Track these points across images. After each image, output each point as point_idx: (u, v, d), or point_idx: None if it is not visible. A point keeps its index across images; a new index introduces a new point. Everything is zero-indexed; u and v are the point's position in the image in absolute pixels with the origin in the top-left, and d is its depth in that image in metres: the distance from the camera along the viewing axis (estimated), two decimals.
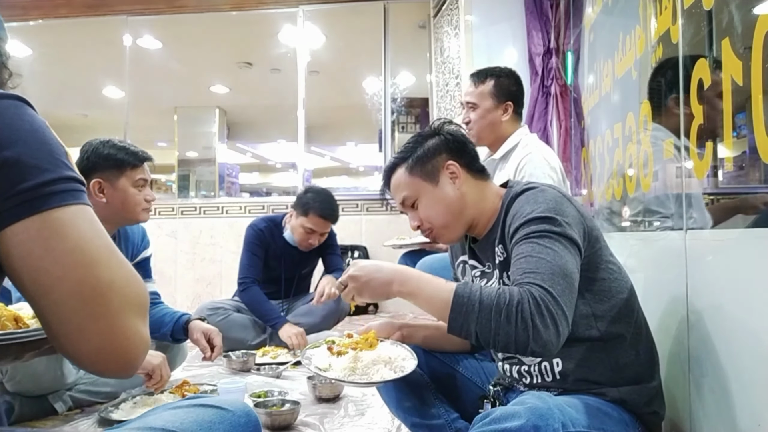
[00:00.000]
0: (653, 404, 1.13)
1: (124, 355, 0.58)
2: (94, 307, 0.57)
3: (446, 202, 1.25)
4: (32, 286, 0.56)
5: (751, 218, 1.07)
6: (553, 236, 1.05)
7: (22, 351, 0.73)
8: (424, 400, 1.33)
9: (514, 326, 0.95)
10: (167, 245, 4.55)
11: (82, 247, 0.57)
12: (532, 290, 0.97)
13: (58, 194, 0.57)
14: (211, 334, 2.01)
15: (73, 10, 4.84)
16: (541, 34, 3.25)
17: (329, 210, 2.76)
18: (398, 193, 1.31)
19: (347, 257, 4.48)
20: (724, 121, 1.07)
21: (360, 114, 5.34)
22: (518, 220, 1.11)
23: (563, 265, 1.02)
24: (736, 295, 1.03)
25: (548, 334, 0.95)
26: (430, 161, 1.26)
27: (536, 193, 1.14)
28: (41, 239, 0.56)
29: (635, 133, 1.76)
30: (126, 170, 1.86)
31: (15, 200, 0.55)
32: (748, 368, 0.99)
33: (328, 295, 2.70)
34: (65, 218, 0.57)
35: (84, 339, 0.57)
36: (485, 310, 0.98)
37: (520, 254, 1.06)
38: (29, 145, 0.58)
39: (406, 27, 4.90)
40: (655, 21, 1.53)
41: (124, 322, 0.58)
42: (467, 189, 1.26)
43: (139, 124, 5.29)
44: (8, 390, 1.71)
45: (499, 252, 1.20)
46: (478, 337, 1.00)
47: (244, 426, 0.78)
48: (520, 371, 1.22)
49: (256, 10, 4.85)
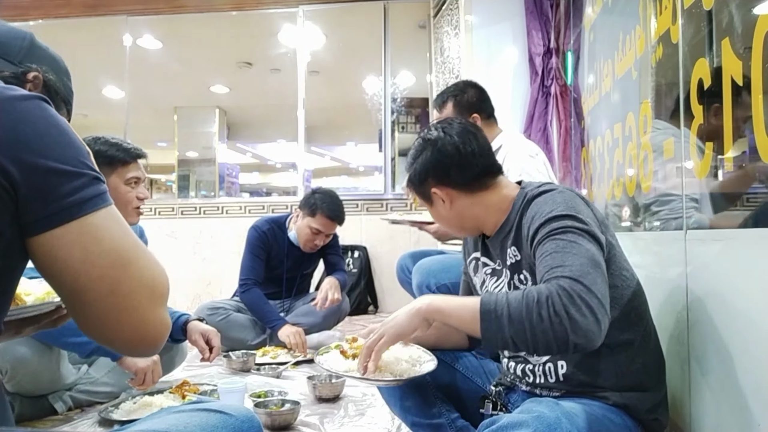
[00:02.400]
0: (656, 412, 1.12)
1: (153, 339, 0.66)
2: (128, 302, 0.63)
3: (444, 220, 1.29)
4: (72, 285, 0.61)
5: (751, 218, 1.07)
6: (577, 231, 1.03)
7: (21, 326, 0.78)
8: (425, 399, 1.33)
9: (549, 322, 0.92)
10: (167, 245, 4.54)
11: (116, 248, 0.63)
12: (560, 282, 0.94)
13: (91, 199, 0.62)
14: (210, 335, 2.00)
15: (73, 10, 4.84)
16: (541, 34, 3.25)
17: (337, 211, 2.78)
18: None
19: (347, 257, 4.48)
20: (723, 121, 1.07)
21: (360, 114, 5.34)
22: (538, 220, 1.09)
23: (591, 256, 0.99)
24: (736, 295, 1.03)
25: (587, 323, 0.91)
26: (421, 186, 1.27)
27: (554, 194, 1.13)
28: (80, 244, 0.61)
29: (635, 133, 1.76)
30: (117, 167, 1.81)
31: (53, 207, 0.60)
32: (748, 368, 0.99)
33: (332, 300, 2.69)
34: (99, 223, 0.63)
35: (119, 329, 0.63)
36: (515, 313, 0.95)
37: (544, 253, 1.03)
38: (58, 149, 0.61)
39: (406, 27, 4.90)
40: (655, 21, 1.53)
41: (153, 312, 0.65)
42: (461, 207, 1.24)
43: (139, 124, 5.28)
44: (8, 390, 1.71)
45: (512, 254, 1.19)
46: (516, 344, 0.96)
47: (247, 431, 0.78)
48: (524, 370, 1.22)
49: (256, 10, 4.85)
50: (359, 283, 4.42)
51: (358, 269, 4.45)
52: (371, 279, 4.53)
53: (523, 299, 0.95)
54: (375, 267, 4.55)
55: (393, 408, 1.41)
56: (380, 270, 4.52)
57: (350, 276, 4.42)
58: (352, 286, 4.35)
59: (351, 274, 4.43)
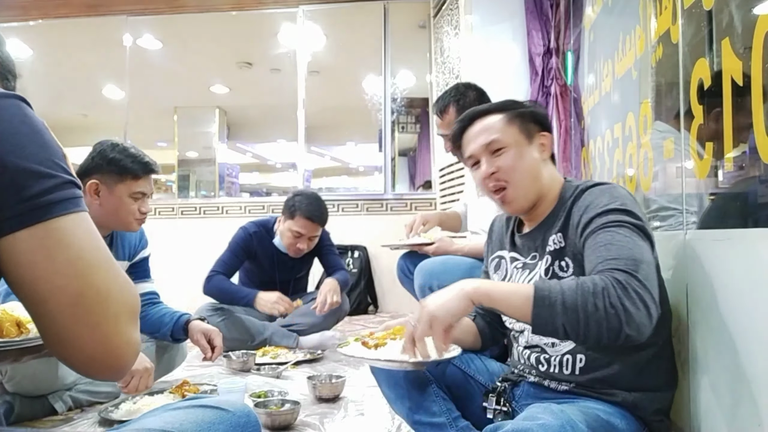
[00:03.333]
0: (663, 412, 1.13)
1: (117, 360, 0.60)
2: (92, 316, 0.58)
3: (532, 164, 1.24)
4: (32, 293, 0.57)
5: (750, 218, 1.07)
6: (632, 227, 1.05)
7: (20, 355, 0.75)
8: (427, 397, 1.33)
9: (604, 312, 0.92)
10: (167, 245, 4.54)
11: (83, 257, 0.58)
12: (615, 275, 0.95)
13: (60, 202, 0.58)
14: (212, 334, 2.00)
15: (73, 10, 4.84)
16: (541, 34, 3.25)
17: (316, 212, 2.71)
18: (486, 135, 1.25)
19: (347, 257, 4.49)
20: (723, 121, 1.07)
21: (360, 114, 5.33)
22: (593, 210, 1.10)
23: (644, 253, 1.00)
24: (737, 295, 1.03)
25: (640, 316, 0.92)
26: (529, 122, 1.26)
27: (611, 188, 1.14)
28: (44, 248, 0.56)
29: (635, 133, 1.76)
30: (126, 179, 1.81)
31: (19, 208, 0.55)
32: (748, 368, 0.99)
33: (331, 304, 2.68)
34: (67, 227, 0.58)
35: (80, 345, 0.58)
36: (570, 301, 0.95)
37: (598, 243, 1.04)
38: (31, 148, 0.58)
39: (406, 27, 4.90)
40: (655, 21, 1.53)
41: (119, 329, 0.60)
42: (547, 166, 1.27)
43: (139, 124, 5.28)
44: (8, 390, 1.71)
45: (557, 240, 1.19)
46: (567, 332, 0.97)
47: (244, 426, 0.78)
48: (539, 359, 1.22)
49: (256, 10, 4.85)
50: (359, 283, 4.42)
51: (358, 269, 4.45)
52: (371, 279, 4.54)
53: (578, 288, 0.95)
54: (375, 267, 4.55)
55: (394, 406, 1.41)
56: (380, 270, 4.52)
57: (350, 276, 4.42)
58: (352, 286, 4.34)
59: (351, 274, 4.42)
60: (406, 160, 6.19)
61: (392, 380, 1.35)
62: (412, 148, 6.07)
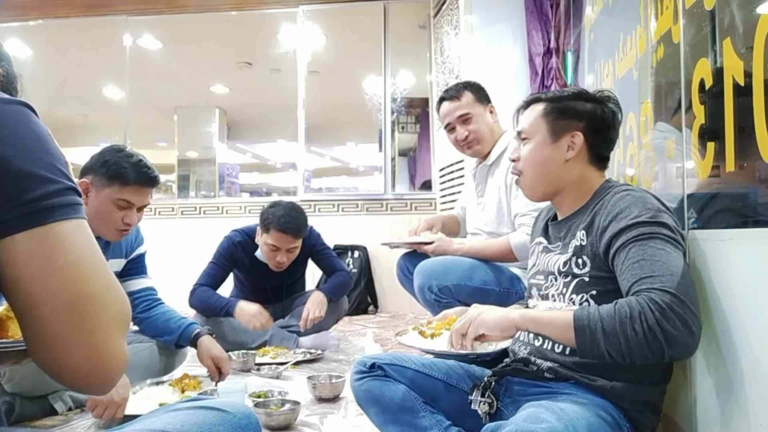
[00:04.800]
0: (644, 404, 1.13)
1: (105, 371, 0.59)
2: (85, 322, 0.57)
3: (547, 165, 1.27)
4: (25, 296, 0.57)
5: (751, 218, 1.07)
6: (665, 238, 1.04)
7: (22, 357, 0.75)
8: (415, 415, 1.32)
9: (643, 336, 0.93)
10: (167, 245, 4.55)
11: (80, 262, 0.58)
12: (651, 296, 0.95)
13: (61, 207, 0.58)
14: (221, 362, 1.93)
15: (73, 10, 4.84)
16: (541, 34, 3.25)
17: (290, 224, 2.59)
18: (522, 122, 1.32)
19: (347, 257, 4.48)
20: (725, 121, 1.07)
21: (360, 114, 5.34)
22: (623, 220, 1.09)
23: (678, 265, 1.00)
24: (737, 295, 1.03)
25: (682, 336, 0.93)
26: (564, 119, 1.26)
27: (643, 195, 1.14)
28: (42, 252, 0.56)
29: (636, 133, 1.76)
30: (115, 184, 1.74)
31: (20, 210, 0.56)
32: (748, 368, 0.99)
33: (312, 320, 2.64)
34: (66, 232, 0.58)
35: (68, 353, 0.57)
36: (609, 327, 0.96)
37: (630, 258, 1.04)
38: (35, 153, 0.58)
39: (406, 27, 4.90)
40: (656, 21, 1.52)
41: (109, 338, 0.59)
42: (575, 166, 1.26)
43: (139, 124, 5.28)
44: (8, 390, 1.71)
45: (581, 236, 1.20)
46: (613, 356, 0.98)
47: (245, 428, 0.78)
48: (537, 335, 1.24)
49: (256, 10, 4.86)
50: (359, 283, 4.42)
51: (358, 269, 4.45)
52: (371, 279, 4.54)
53: (616, 314, 0.96)
54: (375, 267, 4.55)
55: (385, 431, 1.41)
56: (380, 270, 4.52)
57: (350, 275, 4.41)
58: None
59: (351, 274, 4.42)
60: (406, 160, 6.19)
61: (380, 406, 1.35)
62: (412, 148, 6.07)
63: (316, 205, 4.66)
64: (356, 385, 1.39)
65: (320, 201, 4.73)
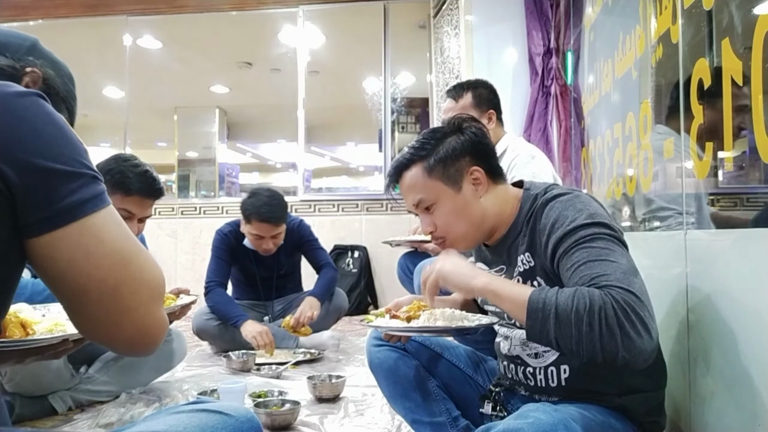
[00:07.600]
0: (654, 413, 1.11)
1: (152, 338, 0.67)
2: (130, 302, 0.63)
3: (468, 212, 1.16)
4: (72, 287, 0.61)
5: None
6: (607, 238, 0.98)
7: (23, 356, 0.77)
8: (427, 396, 1.33)
9: (599, 335, 0.86)
10: (167, 245, 4.55)
11: (117, 249, 0.63)
12: (612, 292, 0.88)
13: (90, 200, 0.61)
14: None
15: (73, 10, 4.84)
16: (541, 34, 3.25)
17: (269, 213, 2.62)
18: (412, 194, 1.19)
19: (347, 257, 4.48)
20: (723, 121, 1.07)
21: (360, 114, 5.34)
22: (561, 228, 1.03)
23: (629, 263, 0.94)
24: (737, 295, 1.03)
25: (641, 342, 0.86)
26: (453, 164, 1.16)
27: (574, 199, 1.07)
28: (81, 246, 0.60)
29: (635, 133, 1.76)
30: (116, 193, 1.71)
31: (52, 209, 0.59)
32: (748, 368, 0.99)
33: (304, 320, 2.62)
34: (99, 223, 0.62)
35: (120, 329, 0.64)
36: (563, 316, 0.89)
37: (576, 263, 0.97)
38: (56, 149, 0.61)
39: (406, 27, 4.90)
40: (655, 21, 1.53)
41: (152, 311, 0.66)
42: (489, 197, 1.17)
43: (139, 124, 5.28)
44: (8, 390, 1.71)
45: (525, 260, 1.12)
46: (560, 347, 0.91)
47: (247, 431, 0.78)
48: (525, 373, 1.18)
49: (256, 10, 4.85)
50: (359, 283, 4.41)
51: (358, 269, 4.45)
52: (371, 279, 4.53)
53: (573, 304, 0.89)
54: (375, 267, 4.55)
55: (394, 405, 1.41)
56: (380, 270, 4.52)
57: (350, 276, 4.41)
58: (352, 286, 4.34)
59: (351, 274, 4.42)
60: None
61: (392, 379, 1.35)
62: None
63: (316, 205, 4.66)
64: (373, 350, 1.37)
65: (320, 201, 4.72)
